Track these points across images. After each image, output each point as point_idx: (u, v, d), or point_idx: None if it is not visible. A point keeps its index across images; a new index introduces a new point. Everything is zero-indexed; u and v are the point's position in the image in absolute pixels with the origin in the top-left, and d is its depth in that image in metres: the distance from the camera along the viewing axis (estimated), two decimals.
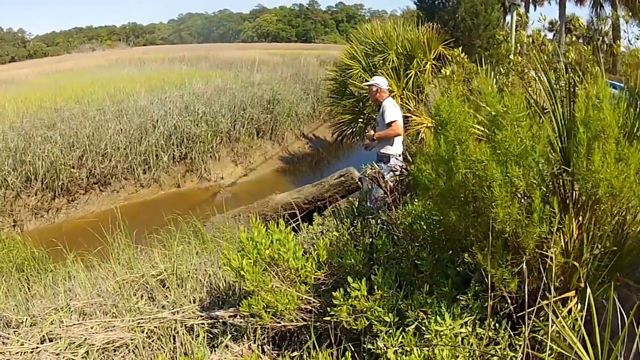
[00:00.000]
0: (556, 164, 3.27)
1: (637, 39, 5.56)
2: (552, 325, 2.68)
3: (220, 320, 4.23)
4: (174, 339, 4.22)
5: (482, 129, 3.67)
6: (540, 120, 3.67)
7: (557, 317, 2.73)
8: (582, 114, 2.81)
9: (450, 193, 3.13)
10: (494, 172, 2.77)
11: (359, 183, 8.89)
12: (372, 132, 8.02)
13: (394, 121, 7.76)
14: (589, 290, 2.70)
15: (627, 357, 2.47)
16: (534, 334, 2.87)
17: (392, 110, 7.85)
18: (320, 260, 3.96)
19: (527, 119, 2.99)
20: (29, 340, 4.25)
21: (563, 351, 2.66)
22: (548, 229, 2.85)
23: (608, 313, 2.56)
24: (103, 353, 4.08)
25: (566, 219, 2.98)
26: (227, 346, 3.95)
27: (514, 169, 2.78)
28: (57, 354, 4.06)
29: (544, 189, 2.95)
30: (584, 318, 2.75)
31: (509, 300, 3.04)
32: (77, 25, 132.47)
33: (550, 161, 3.21)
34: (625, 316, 2.52)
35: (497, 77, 7.01)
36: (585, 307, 2.72)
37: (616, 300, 2.57)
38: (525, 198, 2.95)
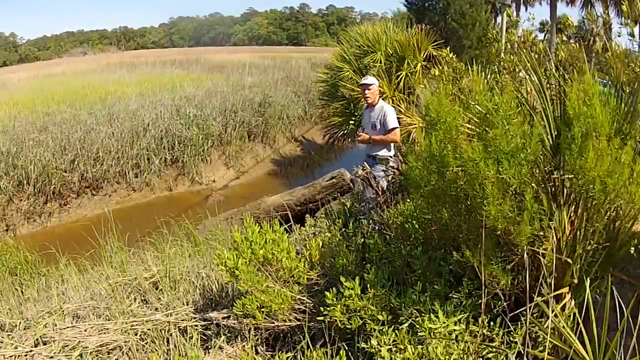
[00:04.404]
0: (547, 161, 3.29)
1: (619, 36, 5.63)
2: (549, 321, 2.69)
3: (214, 322, 4.23)
4: (168, 341, 4.22)
5: (471, 127, 3.69)
6: (531, 120, 3.69)
7: (553, 312, 2.74)
8: (575, 110, 2.82)
9: (442, 190, 3.14)
10: (485, 170, 2.78)
11: (351, 184, 8.88)
12: (365, 135, 7.94)
13: (397, 128, 7.75)
14: (585, 285, 2.72)
15: (624, 353, 2.49)
16: (529, 330, 2.88)
17: (394, 117, 7.83)
18: (313, 260, 3.97)
19: (518, 116, 3.01)
20: (23, 344, 4.25)
21: (562, 347, 2.68)
22: (540, 226, 2.87)
23: (605, 308, 2.57)
24: (97, 355, 4.08)
25: (558, 215, 2.99)
26: (220, 348, 3.95)
27: (506, 167, 2.79)
28: (51, 357, 4.05)
29: (536, 187, 2.96)
30: (579, 314, 2.76)
31: (502, 298, 3.06)
32: (68, 30, 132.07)
33: (541, 159, 3.22)
34: (624, 309, 2.53)
35: (488, 76, 7.03)
36: (579, 303, 2.74)
37: (616, 294, 2.59)
38: (517, 195, 2.96)
